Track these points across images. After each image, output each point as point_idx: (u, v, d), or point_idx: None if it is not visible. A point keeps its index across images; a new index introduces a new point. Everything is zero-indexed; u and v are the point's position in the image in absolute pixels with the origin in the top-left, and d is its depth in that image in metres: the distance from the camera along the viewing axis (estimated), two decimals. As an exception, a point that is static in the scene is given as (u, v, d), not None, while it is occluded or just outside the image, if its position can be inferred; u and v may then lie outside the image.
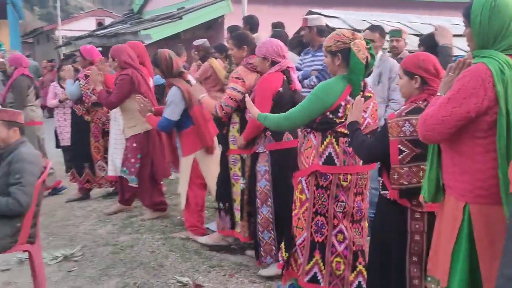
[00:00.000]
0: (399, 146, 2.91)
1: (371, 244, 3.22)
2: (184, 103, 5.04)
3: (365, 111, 3.46)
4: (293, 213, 3.69)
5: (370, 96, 3.55)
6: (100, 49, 12.06)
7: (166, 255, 4.70)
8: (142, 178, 5.83)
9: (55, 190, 7.19)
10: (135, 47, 6.20)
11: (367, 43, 3.46)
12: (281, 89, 4.17)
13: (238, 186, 4.61)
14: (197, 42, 6.94)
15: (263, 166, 4.28)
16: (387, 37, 6.02)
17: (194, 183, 5.17)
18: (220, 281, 4.19)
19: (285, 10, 11.46)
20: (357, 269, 3.59)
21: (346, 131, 3.40)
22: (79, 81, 6.55)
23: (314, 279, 3.58)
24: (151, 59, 5.49)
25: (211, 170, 5.09)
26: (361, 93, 3.49)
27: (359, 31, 7.31)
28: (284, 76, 4.22)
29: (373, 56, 3.48)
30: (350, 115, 3.25)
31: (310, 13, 8.24)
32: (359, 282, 3.58)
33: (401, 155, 2.92)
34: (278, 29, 6.34)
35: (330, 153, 3.49)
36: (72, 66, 7.33)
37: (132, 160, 5.80)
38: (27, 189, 3.71)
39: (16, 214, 3.72)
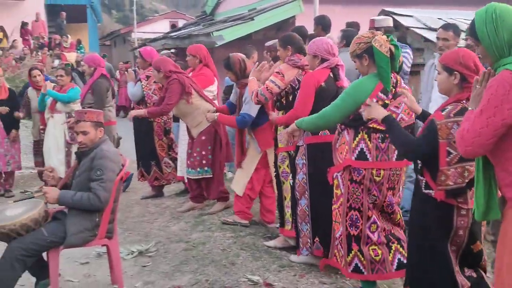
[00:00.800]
0: (448, 148, 2.92)
1: (411, 240, 3.24)
2: None
3: (397, 107, 3.57)
4: (332, 207, 3.85)
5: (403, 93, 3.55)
6: (174, 50, 12.38)
7: (237, 254, 4.76)
8: (214, 169, 6.04)
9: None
10: (198, 50, 6.45)
11: (387, 36, 3.57)
12: (323, 84, 4.26)
13: (288, 183, 4.74)
14: (268, 43, 6.99)
15: (300, 159, 4.42)
16: (463, 35, 5.83)
17: (258, 173, 5.40)
18: (290, 281, 4.20)
19: (357, 9, 11.32)
20: (393, 248, 3.73)
21: (378, 127, 3.51)
22: (141, 82, 6.80)
23: (357, 270, 3.72)
24: (223, 63, 5.62)
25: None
26: (393, 89, 3.58)
27: (434, 29, 7.13)
28: (331, 73, 4.33)
29: (396, 47, 3.57)
30: (376, 112, 3.30)
31: (383, 12, 8.11)
32: (399, 259, 3.72)
33: (449, 157, 2.94)
34: (347, 29, 6.28)
35: (362, 149, 3.62)
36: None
37: (203, 153, 6.01)
38: (107, 185, 3.86)
39: (96, 209, 3.88)
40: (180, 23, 29.36)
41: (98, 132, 4.06)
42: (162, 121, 6.90)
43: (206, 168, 6.02)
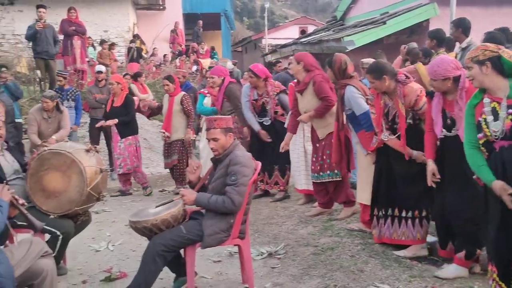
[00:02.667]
0: None
1: None
2: (363, 98, 5.28)
3: None
4: None
5: None
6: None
7: (366, 261, 4.70)
8: (342, 174, 6.03)
9: None
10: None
11: None
12: None
13: None
14: (407, 45, 6.98)
15: None
16: None
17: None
18: (421, 292, 4.07)
19: (498, 11, 10.71)
20: None
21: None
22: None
23: None
24: (326, 61, 5.69)
25: None
26: None
27: None
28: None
29: None
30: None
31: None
32: None
33: None
34: (492, 31, 5.95)
35: None
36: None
37: (324, 157, 6.07)
38: (241, 190, 4.00)
39: (230, 212, 4.03)
40: (310, 28, 29.55)
41: (228, 137, 4.19)
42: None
43: (336, 171, 6.04)
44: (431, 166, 4.27)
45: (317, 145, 6.19)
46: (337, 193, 6.15)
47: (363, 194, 5.37)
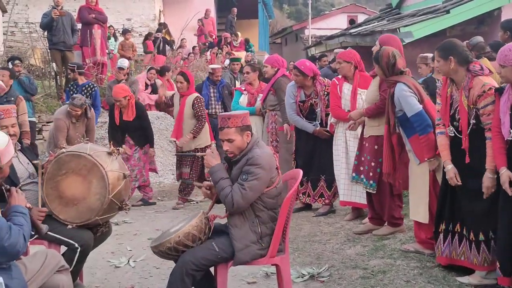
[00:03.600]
0: None
1: None
2: (416, 97, 5.27)
3: None
4: None
5: None
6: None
7: (424, 287, 4.67)
8: (382, 187, 6.02)
9: None
10: (353, 56, 6.75)
11: None
12: None
13: None
14: (469, 41, 6.88)
15: None
16: None
17: (431, 192, 5.28)
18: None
19: None
20: None
21: None
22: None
23: None
24: (373, 55, 5.71)
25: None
26: None
27: None
28: None
29: None
30: None
31: None
32: None
33: None
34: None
35: None
36: None
37: (372, 164, 6.07)
38: (245, 194, 3.98)
39: (226, 207, 4.05)
40: (360, 17, 29.42)
41: (245, 137, 4.13)
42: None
43: (371, 182, 6.08)
44: (505, 174, 4.21)
45: (364, 142, 6.22)
46: (383, 208, 6.13)
47: (417, 210, 5.34)
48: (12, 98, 8.00)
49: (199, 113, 8.20)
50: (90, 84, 9.87)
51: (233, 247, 4.04)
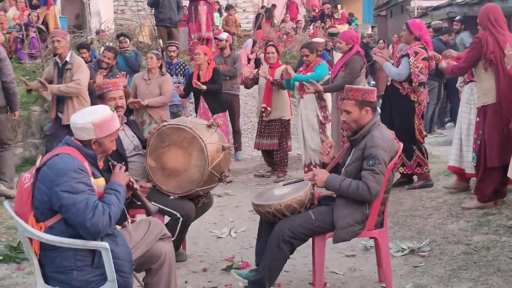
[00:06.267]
0: None
1: None
2: None
3: None
4: None
5: None
6: (459, 18, 11.94)
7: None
8: (481, 159, 5.82)
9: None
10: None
11: None
12: None
13: None
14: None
15: None
16: None
17: None
18: None
19: None
20: None
21: None
22: (408, 58, 6.78)
23: None
24: None
25: None
26: None
27: None
28: None
29: None
30: None
31: None
32: None
33: None
34: None
35: None
36: None
37: (474, 136, 5.92)
38: (379, 177, 3.93)
39: (364, 200, 3.99)
40: (469, -14, 28.12)
41: (364, 112, 4.09)
42: (422, 104, 6.96)
43: (473, 154, 5.92)
44: None
45: (477, 118, 5.96)
46: (482, 180, 5.89)
47: None
48: (117, 76, 8.33)
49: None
50: (182, 63, 10.04)
51: (332, 219, 4.02)
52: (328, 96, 7.97)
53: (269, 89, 8.39)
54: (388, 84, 7.18)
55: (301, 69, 8.26)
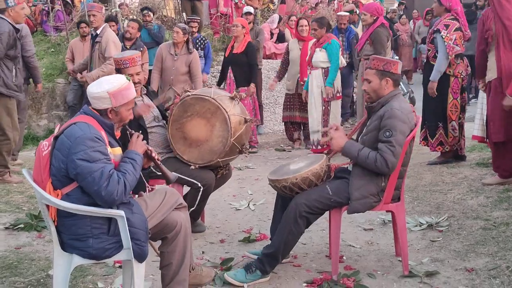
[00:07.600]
0: None
1: None
2: None
3: None
4: None
5: None
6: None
7: (549, 241, 4.40)
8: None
9: None
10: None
11: None
12: None
13: None
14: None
15: None
16: None
17: None
18: None
19: None
20: None
21: None
22: (440, 32, 6.60)
23: None
24: None
25: None
26: None
27: None
28: None
29: None
30: None
31: None
32: None
33: None
34: None
35: None
36: None
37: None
38: (396, 150, 3.87)
39: (380, 172, 3.94)
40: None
41: (384, 82, 4.02)
42: (461, 77, 6.74)
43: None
44: None
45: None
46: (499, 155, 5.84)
47: None
48: (141, 49, 8.32)
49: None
50: (201, 37, 9.98)
51: (348, 193, 3.99)
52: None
53: (304, 62, 8.37)
54: (424, 62, 7.08)
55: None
